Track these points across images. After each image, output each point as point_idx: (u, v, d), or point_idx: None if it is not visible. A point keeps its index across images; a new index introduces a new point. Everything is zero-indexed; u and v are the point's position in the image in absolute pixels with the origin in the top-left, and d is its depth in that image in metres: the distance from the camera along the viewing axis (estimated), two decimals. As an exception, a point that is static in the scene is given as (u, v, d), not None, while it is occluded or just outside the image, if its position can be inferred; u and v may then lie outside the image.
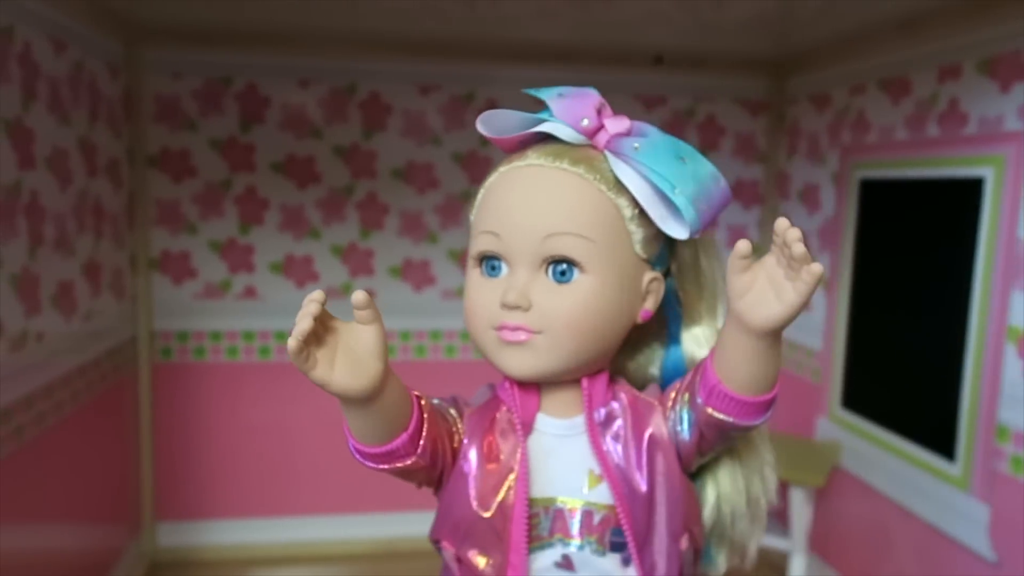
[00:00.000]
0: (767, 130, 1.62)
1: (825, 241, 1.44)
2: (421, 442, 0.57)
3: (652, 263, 0.62)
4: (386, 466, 0.57)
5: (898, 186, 1.23)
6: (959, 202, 1.08)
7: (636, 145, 0.59)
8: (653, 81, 1.56)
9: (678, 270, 0.66)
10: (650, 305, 0.63)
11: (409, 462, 0.57)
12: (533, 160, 0.60)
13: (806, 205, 1.51)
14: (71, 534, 1.16)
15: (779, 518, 1.44)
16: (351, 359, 0.51)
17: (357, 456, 0.57)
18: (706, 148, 1.57)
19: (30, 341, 0.99)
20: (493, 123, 0.62)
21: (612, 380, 0.65)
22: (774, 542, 1.37)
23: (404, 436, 0.55)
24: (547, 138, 0.62)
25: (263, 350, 1.51)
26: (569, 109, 0.61)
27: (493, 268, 0.60)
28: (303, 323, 0.49)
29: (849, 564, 1.36)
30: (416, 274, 1.54)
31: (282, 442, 1.53)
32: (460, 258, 1.55)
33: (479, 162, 1.53)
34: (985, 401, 1.04)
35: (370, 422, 0.55)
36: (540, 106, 0.62)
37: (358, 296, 0.51)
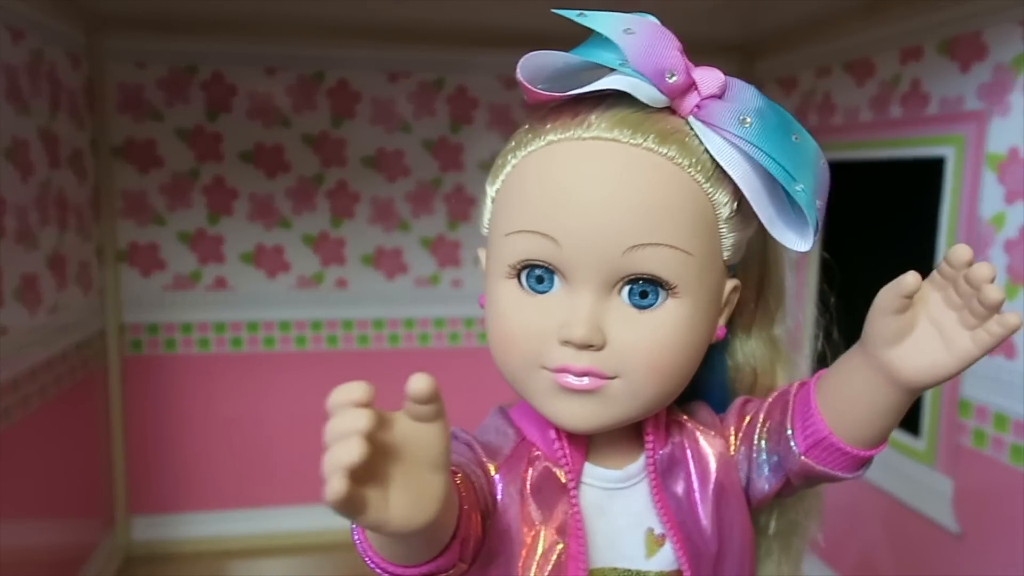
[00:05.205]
0: (736, 114, 1.62)
1: (793, 223, 1.45)
2: (471, 545, 0.41)
3: (731, 269, 0.48)
4: None
5: (863, 167, 1.25)
6: (921, 182, 1.10)
7: (747, 120, 0.42)
8: (622, 66, 1.56)
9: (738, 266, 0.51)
10: (724, 320, 0.48)
11: (453, 572, 0.40)
12: (602, 132, 0.43)
13: (775, 188, 1.52)
14: (43, 530, 1.15)
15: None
16: (408, 478, 0.32)
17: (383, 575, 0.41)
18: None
19: (-6, 335, 0.97)
20: (540, 70, 0.44)
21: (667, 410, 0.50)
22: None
23: (456, 545, 0.39)
24: (608, 91, 0.44)
25: (235, 341, 1.50)
26: (649, 55, 0.43)
27: (540, 280, 0.44)
28: (350, 452, 0.28)
29: (817, 539, 1.39)
30: (388, 262, 1.54)
31: (257, 433, 1.53)
32: (432, 246, 1.55)
33: (450, 149, 1.53)
34: (948, 377, 1.06)
35: (412, 544, 0.37)
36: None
37: (419, 384, 0.31)
